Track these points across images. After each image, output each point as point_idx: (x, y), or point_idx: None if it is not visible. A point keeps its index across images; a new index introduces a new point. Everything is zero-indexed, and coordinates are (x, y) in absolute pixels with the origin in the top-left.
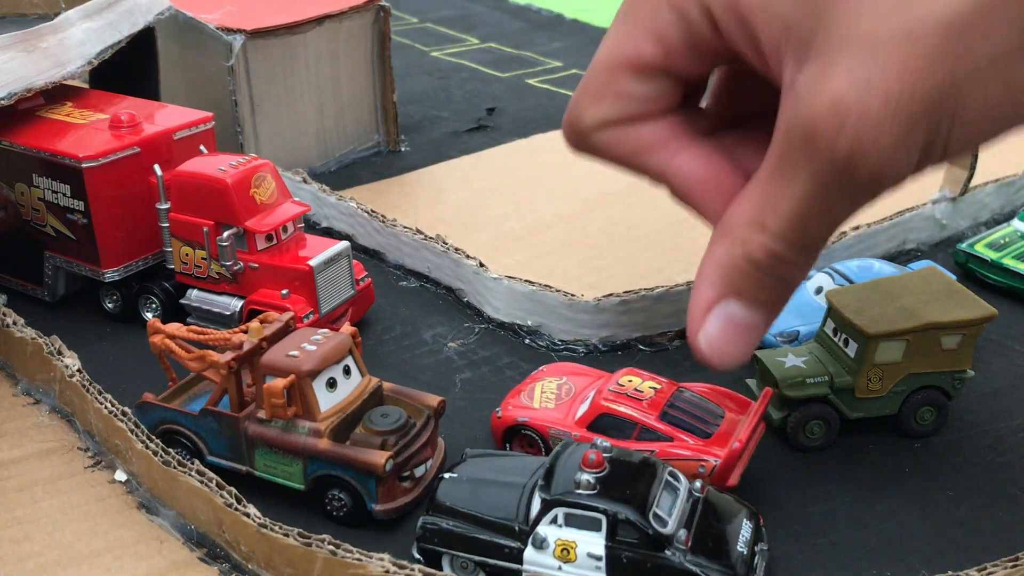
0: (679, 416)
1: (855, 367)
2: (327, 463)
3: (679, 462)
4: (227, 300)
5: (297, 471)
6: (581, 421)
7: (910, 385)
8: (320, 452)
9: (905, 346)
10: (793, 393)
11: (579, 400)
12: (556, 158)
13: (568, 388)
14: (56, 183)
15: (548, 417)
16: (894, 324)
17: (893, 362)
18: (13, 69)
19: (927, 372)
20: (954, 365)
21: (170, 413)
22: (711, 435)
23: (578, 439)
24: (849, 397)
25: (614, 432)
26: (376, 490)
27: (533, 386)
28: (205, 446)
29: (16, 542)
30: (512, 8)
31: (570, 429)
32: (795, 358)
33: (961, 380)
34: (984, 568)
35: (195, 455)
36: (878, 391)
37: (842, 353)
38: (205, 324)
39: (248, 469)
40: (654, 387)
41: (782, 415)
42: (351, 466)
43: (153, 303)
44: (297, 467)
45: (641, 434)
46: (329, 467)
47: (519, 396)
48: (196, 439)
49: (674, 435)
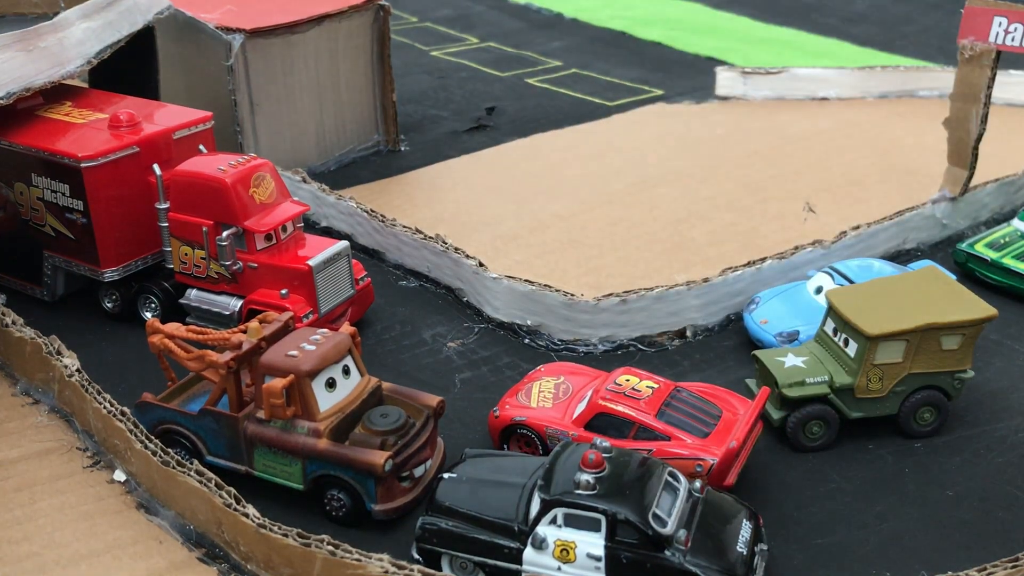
0: (676, 415)
1: (855, 367)
2: (326, 463)
3: (676, 461)
4: (226, 300)
5: (296, 471)
6: (578, 420)
7: (910, 385)
8: (319, 452)
9: (905, 346)
10: (793, 393)
11: (576, 399)
12: (556, 158)
13: (566, 387)
14: (55, 183)
15: (545, 416)
16: (894, 324)
17: (893, 362)
18: (12, 68)
19: (927, 372)
20: (954, 365)
21: (169, 413)
22: (708, 434)
23: (575, 438)
24: (849, 397)
25: (611, 431)
26: (375, 490)
27: (531, 386)
28: (204, 446)
29: (15, 542)
30: (512, 8)
31: (567, 428)
32: (795, 358)
33: (961, 380)
34: (984, 568)
35: (194, 455)
36: (878, 391)
37: (842, 353)
38: (204, 324)
39: (247, 469)
40: (651, 386)
41: (782, 415)
42: (350, 466)
43: (152, 303)
44: (296, 467)
45: (638, 433)
46: (328, 467)
47: (516, 396)
48: (195, 439)
49: (671, 434)
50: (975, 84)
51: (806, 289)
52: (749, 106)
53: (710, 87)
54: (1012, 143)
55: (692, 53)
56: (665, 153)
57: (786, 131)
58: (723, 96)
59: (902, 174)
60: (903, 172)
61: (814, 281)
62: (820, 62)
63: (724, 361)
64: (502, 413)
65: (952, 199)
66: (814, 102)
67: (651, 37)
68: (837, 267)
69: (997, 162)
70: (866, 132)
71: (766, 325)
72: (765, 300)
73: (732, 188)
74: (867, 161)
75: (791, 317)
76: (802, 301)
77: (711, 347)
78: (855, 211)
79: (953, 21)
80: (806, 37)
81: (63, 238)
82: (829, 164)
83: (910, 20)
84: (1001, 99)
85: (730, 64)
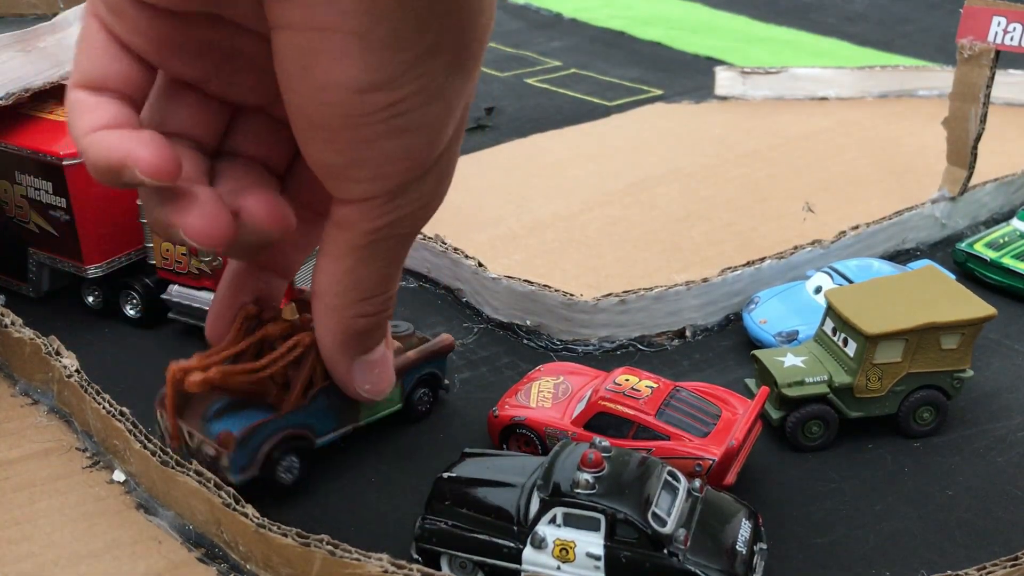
0: (676, 415)
1: (854, 366)
2: (415, 369)
3: (676, 460)
4: (208, 295)
5: (395, 394)
6: (578, 420)
7: (909, 385)
8: (411, 362)
9: (904, 346)
10: (792, 393)
11: (576, 399)
12: (555, 158)
13: (565, 387)
14: (38, 180)
15: (545, 416)
16: (893, 324)
17: (892, 362)
18: (11, 69)
19: (926, 372)
20: (953, 365)
21: (273, 424)
22: (708, 434)
23: (575, 437)
24: (848, 396)
25: (611, 431)
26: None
27: (530, 385)
28: (314, 435)
29: (14, 542)
30: (511, 7)
31: (567, 428)
32: (794, 357)
33: (960, 380)
34: (984, 568)
35: (306, 453)
36: (877, 391)
37: (841, 353)
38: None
39: (354, 425)
40: (651, 386)
41: (781, 415)
42: (432, 358)
43: (133, 298)
44: (395, 391)
45: (638, 432)
46: (416, 372)
47: (516, 395)
48: (308, 433)
49: (671, 433)
50: (974, 84)
51: (805, 289)
52: (748, 106)
53: (709, 87)
54: (1012, 143)
55: (691, 53)
56: (665, 153)
57: (785, 131)
58: (722, 96)
59: (901, 174)
60: (902, 172)
61: (813, 281)
62: (819, 62)
63: (723, 361)
64: (501, 413)
65: (951, 199)
66: (813, 102)
67: (650, 37)
68: (836, 267)
69: (996, 162)
70: (865, 132)
71: (765, 325)
72: (764, 300)
73: (731, 188)
74: (866, 161)
75: (790, 317)
76: (801, 301)
77: (710, 347)
78: (854, 211)
79: (952, 21)
80: (805, 37)
81: (47, 235)
82: (828, 164)
83: (909, 20)
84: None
85: (729, 64)
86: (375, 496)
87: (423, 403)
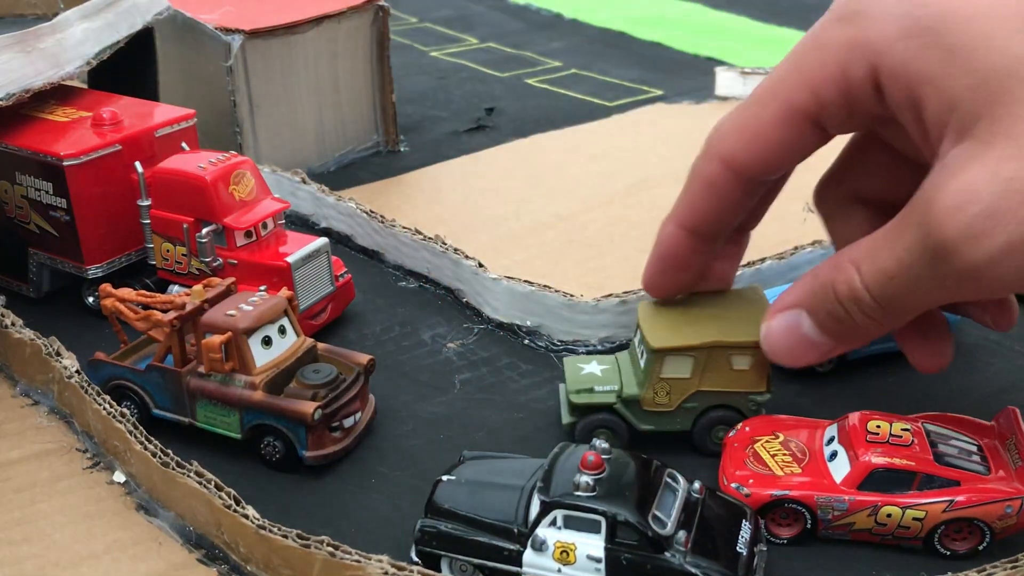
0: (949, 456)
1: (644, 379)
2: (261, 413)
3: (980, 508)
4: None
5: (234, 421)
6: (848, 482)
7: (702, 402)
8: (255, 403)
9: (693, 362)
10: (578, 400)
11: (818, 458)
12: (555, 158)
13: (796, 445)
14: (38, 181)
15: (808, 484)
16: (681, 339)
17: (680, 377)
18: (11, 70)
19: (719, 391)
20: (748, 386)
21: (119, 370)
22: (991, 470)
23: (852, 503)
24: (637, 408)
25: (891, 487)
26: (306, 438)
27: (752, 449)
28: (151, 400)
29: (14, 543)
30: (511, 8)
31: (840, 493)
32: (597, 365)
33: (756, 403)
34: (984, 568)
35: (142, 409)
36: (666, 405)
37: (638, 365)
38: None
39: (190, 420)
40: (905, 428)
41: (572, 420)
42: (283, 415)
43: None
44: (234, 418)
45: (922, 484)
46: (263, 417)
47: (744, 465)
48: (143, 394)
49: (959, 477)
50: None
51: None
52: None
53: (710, 87)
54: None
55: (692, 53)
56: (665, 153)
57: None
58: (723, 96)
59: None
60: None
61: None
62: None
63: None
64: (753, 492)
65: None
66: None
67: (651, 37)
68: None
69: None
70: None
71: None
72: None
73: None
74: None
75: None
76: None
77: None
78: None
79: None
80: None
81: (47, 235)
82: (828, 164)
83: None
84: None
85: (730, 64)
86: (375, 498)
87: (269, 453)
